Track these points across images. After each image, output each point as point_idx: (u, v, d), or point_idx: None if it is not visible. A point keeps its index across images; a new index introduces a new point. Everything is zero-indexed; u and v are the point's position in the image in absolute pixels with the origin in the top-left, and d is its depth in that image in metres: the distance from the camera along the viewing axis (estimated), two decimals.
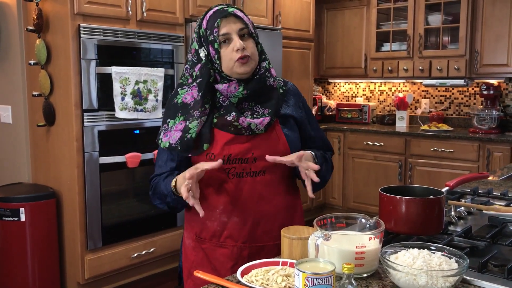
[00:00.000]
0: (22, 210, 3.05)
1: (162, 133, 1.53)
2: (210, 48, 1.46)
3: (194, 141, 1.46)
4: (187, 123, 1.47)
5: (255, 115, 1.49)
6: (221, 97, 1.49)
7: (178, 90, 1.55)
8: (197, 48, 1.50)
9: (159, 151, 1.58)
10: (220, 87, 1.47)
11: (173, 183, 1.45)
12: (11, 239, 3.08)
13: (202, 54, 1.48)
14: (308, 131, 1.62)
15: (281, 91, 1.57)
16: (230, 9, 1.46)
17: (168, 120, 1.52)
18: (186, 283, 1.61)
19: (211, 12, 1.48)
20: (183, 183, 1.35)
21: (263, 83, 1.51)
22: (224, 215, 1.51)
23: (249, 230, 1.51)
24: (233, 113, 1.46)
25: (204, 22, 1.48)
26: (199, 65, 1.49)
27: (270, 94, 1.53)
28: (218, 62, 1.46)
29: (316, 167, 1.41)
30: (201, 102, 1.46)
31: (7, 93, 3.52)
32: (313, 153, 1.51)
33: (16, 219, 3.05)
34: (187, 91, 1.52)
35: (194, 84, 1.50)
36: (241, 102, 1.50)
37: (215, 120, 1.48)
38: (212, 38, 1.45)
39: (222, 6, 1.49)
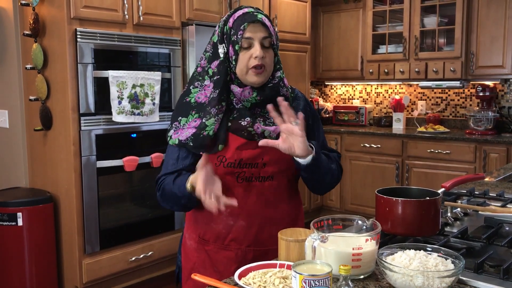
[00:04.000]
0: (19, 214, 3.04)
1: (172, 131, 1.53)
2: (231, 48, 1.47)
3: (210, 140, 1.46)
4: (203, 120, 1.47)
5: (267, 121, 1.51)
6: (234, 99, 1.51)
7: (191, 88, 1.55)
8: (216, 42, 1.52)
9: (169, 150, 1.56)
10: (235, 89, 1.49)
11: (188, 185, 1.42)
12: (8, 244, 3.07)
13: (220, 51, 1.50)
14: (312, 137, 1.61)
15: (290, 98, 1.59)
16: (259, 16, 1.47)
17: (180, 118, 1.52)
18: (186, 284, 1.61)
19: (240, 12, 1.48)
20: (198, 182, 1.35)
21: (276, 91, 1.52)
22: (231, 218, 1.51)
23: (254, 234, 1.52)
24: (248, 118, 1.48)
25: (231, 20, 1.48)
26: (216, 62, 1.51)
27: None
28: (234, 63, 1.48)
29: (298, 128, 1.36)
30: (217, 99, 1.47)
31: (4, 97, 3.52)
32: (312, 144, 1.46)
33: (13, 223, 3.04)
34: (199, 90, 1.53)
35: (207, 83, 1.52)
36: (254, 108, 1.51)
37: (229, 124, 1.49)
38: (235, 39, 1.46)
39: (252, 10, 1.49)
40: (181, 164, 1.52)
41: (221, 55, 1.49)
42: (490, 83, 4.54)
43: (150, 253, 3.49)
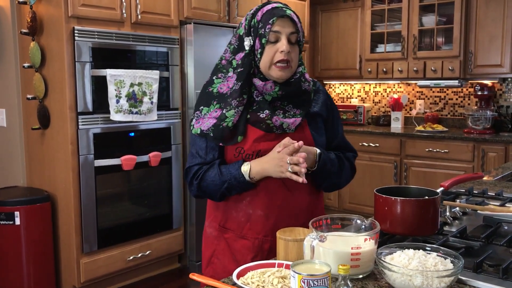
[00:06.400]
0: (17, 213, 3.03)
1: (194, 120, 1.55)
2: (257, 41, 1.48)
3: (229, 131, 1.48)
4: (224, 111, 1.49)
5: (286, 114, 1.53)
6: (255, 91, 1.52)
7: (214, 78, 1.57)
8: (242, 34, 1.53)
9: (196, 140, 1.57)
10: (257, 82, 1.50)
11: (245, 168, 1.46)
12: (6, 243, 3.06)
13: (246, 43, 1.51)
14: (330, 131, 1.65)
15: (312, 91, 1.61)
16: (288, 11, 1.48)
17: (201, 107, 1.55)
18: (205, 271, 1.63)
19: (269, 6, 1.50)
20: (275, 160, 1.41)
21: (298, 87, 1.54)
22: (250, 207, 1.53)
23: (272, 224, 1.53)
24: (267, 111, 1.49)
25: (259, 14, 1.49)
26: (241, 54, 1.52)
27: (303, 97, 1.57)
28: (259, 56, 1.49)
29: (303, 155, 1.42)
30: (239, 91, 1.48)
31: (1, 96, 3.51)
32: (319, 151, 1.52)
33: (11, 222, 3.03)
34: (222, 81, 1.55)
35: (230, 74, 1.53)
36: (274, 101, 1.53)
37: (248, 116, 1.50)
38: (262, 32, 1.47)
39: (281, 5, 1.50)
40: (211, 154, 1.53)
41: (247, 48, 1.50)
42: (488, 82, 4.54)
43: (148, 252, 3.49)
